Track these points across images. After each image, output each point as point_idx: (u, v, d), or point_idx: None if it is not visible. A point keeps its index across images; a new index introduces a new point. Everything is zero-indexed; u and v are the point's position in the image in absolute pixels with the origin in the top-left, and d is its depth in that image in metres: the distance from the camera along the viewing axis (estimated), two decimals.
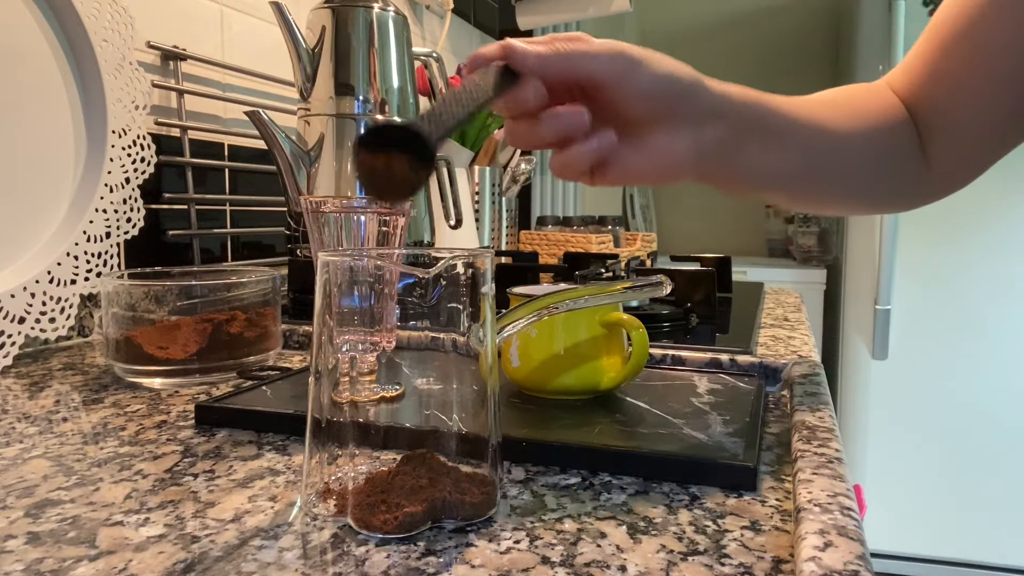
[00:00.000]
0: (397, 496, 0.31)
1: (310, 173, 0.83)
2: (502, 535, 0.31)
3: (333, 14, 0.84)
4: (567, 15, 1.93)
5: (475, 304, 0.34)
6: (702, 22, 2.94)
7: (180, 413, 0.50)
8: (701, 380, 0.56)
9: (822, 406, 0.46)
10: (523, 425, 0.45)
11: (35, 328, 0.66)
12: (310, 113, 0.86)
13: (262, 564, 0.29)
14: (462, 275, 0.33)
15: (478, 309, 0.34)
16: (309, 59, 0.84)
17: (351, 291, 0.33)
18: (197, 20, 0.95)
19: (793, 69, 2.83)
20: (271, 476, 0.38)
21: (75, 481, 0.38)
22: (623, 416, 0.47)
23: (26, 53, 0.69)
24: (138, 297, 0.58)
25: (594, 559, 0.29)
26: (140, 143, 0.79)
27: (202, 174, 0.95)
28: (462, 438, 0.34)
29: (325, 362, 0.33)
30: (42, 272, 0.68)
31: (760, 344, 0.69)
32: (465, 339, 0.34)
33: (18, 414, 0.50)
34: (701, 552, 0.30)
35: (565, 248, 1.32)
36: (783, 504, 0.35)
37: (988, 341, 1.94)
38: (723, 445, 0.41)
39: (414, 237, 0.90)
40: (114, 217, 0.76)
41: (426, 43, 1.64)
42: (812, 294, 2.19)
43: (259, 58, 1.05)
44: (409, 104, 0.88)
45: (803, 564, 0.26)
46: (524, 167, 1.36)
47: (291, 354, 0.70)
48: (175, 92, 0.90)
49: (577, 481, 0.38)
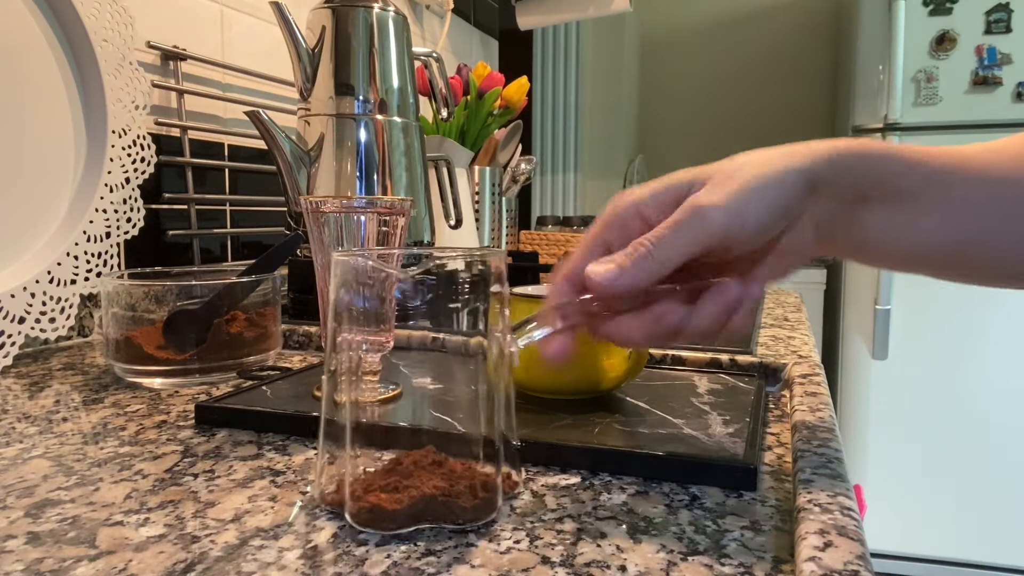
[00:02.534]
0: (394, 491, 0.31)
1: (310, 173, 0.83)
2: (502, 535, 0.31)
3: (333, 14, 0.84)
4: (567, 15, 1.93)
5: (486, 303, 0.33)
6: (702, 22, 2.94)
7: (180, 413, 0.50)
8: (701, 380, 0.56)
9: (822, 406, 0.46)
10: (523, 425, 0.45)
11: (35, 328, 0.66)
12: (310, 113, 0.86)
13: (262, 564, 0.29)
14: (471, 274, 0.33)
15: (489, 310, 0.34)
16: (309, 59, 0.84)
17: (365, 292, 0.33)
18: (197, 20, 0.95)
19: (793, 69, 2.82)
20: (271, 476, 0.38)
21: (75, 481, 0.38)
22: (623, 416, 0.47)
23: (26, 53, 0.69)
24: (138, 297, 0.58)
25: (594, 559, 0.29)
26: (140, 143, 0.79)
27: (202, 174, 0.95)
28: (468, 439, 0.34)
29: (338, 363, 0.33)
30: (42, 272, 0.68)
31: (760, 344, 0.69)
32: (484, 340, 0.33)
33: (18, 414, 0.50)
34: (701, 552, 0.30)
35: (565, 248, 1.32)
36: (783, 504, 0.35)
37: (988, 341, 1.94)
38: (723, 445, 0.41)
39: (414, 237, 0.90)
40: (114, 217, 0.76)
41: (426, 43, 1.64)
42: (812, 294, 2.19)
43: (259, 58, 1.05)
44: (409, 104, 0.88)
45: (803, 564, 0.26)
46: (524, 167, 1.36)
47: (291, 354, 0.70)
48: (175, 92, 0.90)
49: (577, 481, 0.38)
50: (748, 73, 2.87)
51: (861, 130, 2.04)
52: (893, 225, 0.37)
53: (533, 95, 2.35)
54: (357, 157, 0.84)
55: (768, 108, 2.85)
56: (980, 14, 1.91)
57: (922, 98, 1.97)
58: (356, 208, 0.48)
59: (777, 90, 2.84)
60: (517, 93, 1.33)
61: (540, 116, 2.41)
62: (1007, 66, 1.91)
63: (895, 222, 0.37)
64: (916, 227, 0.37)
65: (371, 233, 0.48)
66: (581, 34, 2.45)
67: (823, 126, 2.77)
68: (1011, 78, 1.91)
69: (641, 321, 0.35)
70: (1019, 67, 1.90)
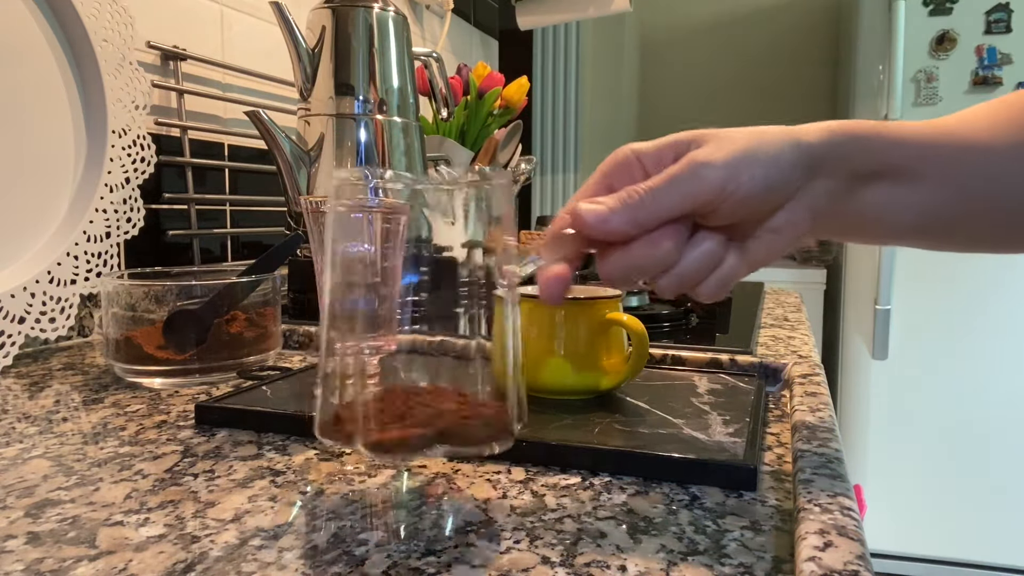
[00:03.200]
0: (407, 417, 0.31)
1: (310, 173, 0.83)
2: (502, 535, 0.31)
3: (333, 14, 0.84)
4: (567, 15, 1.93)
5: (491, 306, 0.33)
6: (702, 22, 2.94)
7: (180, 413, 0.50)
8: (701, 380, 0.56)
9: (822, 406, 0.46)
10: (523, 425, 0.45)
11: (35, 328, 0.66)
12: (310, 113, 0.86)
13: (262, 564, 0.29)
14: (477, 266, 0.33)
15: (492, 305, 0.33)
16: (309, 59, 0.84)
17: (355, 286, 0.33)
18: (197, 20, 0.95)
19: (793, 69, 2.82)
20: (271, 476, 0.38)
21: (75, 481, 0.38)
22: (623, 416, 0.47)
23: (26, 53, 0.69)
24: (138, 297, 0.58)
25: (594, 559, 0.29)
26: (140, 143, 0.79)
27: (202, 174, 0.95)
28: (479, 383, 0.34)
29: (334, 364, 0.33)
30: (42, 272, 0.68)
31: (760, 344, 0.69)
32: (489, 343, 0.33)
33: (18, 414, 0.50)
34: (701, 552, 0.30)
35: None
36: (783, 504, 0.35)
37: (988, 341, 1.94)
38: (723, 445, 0.41)
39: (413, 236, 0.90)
40: (114, 217, 0.76)
41: (426, 43, 1.63)
42: (812, 294, 2.19)
43: (259, 58, 1.05)
44: (409, 104, 0.88)
45: (803, 564, 0.26)
46: (524, 167, 1.36)
47: (291, 354, 0.70)
48: (175, 92, 0.90)
49: (577, 481, 0.38)
50: (748, 73, 2.87)
51: None
52: (894, 200, 0.37)
53: (533, 95, 2.35)
54: (357, 157, 0.84)
55: (768, 108, 2.85)
56: (980, 14, 1.91)
57: (922, 98, 1.97)
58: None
59: (777, 90, 2.84)
60: (517, 93, 1.33)
61: (540, 116, 2.41)
62: (1007, 66, 1.91)
63: (896, 197, 0.37)
64: (918, 200, 0.37)
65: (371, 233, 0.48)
66: (581, 34, 2.44)
67: None
68: (1011, 78, 1.91)
69: (635, 247, 0.35)
70: (1019, 67, 1.90)
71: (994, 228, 0.39)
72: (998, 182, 0.37)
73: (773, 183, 0.35)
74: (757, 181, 0.34)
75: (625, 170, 0.37)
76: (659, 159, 0.37)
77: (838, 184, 0.37)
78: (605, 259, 0.36)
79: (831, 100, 2.74)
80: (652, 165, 0.37)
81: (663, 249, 0.34)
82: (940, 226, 0.39)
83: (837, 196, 0.37)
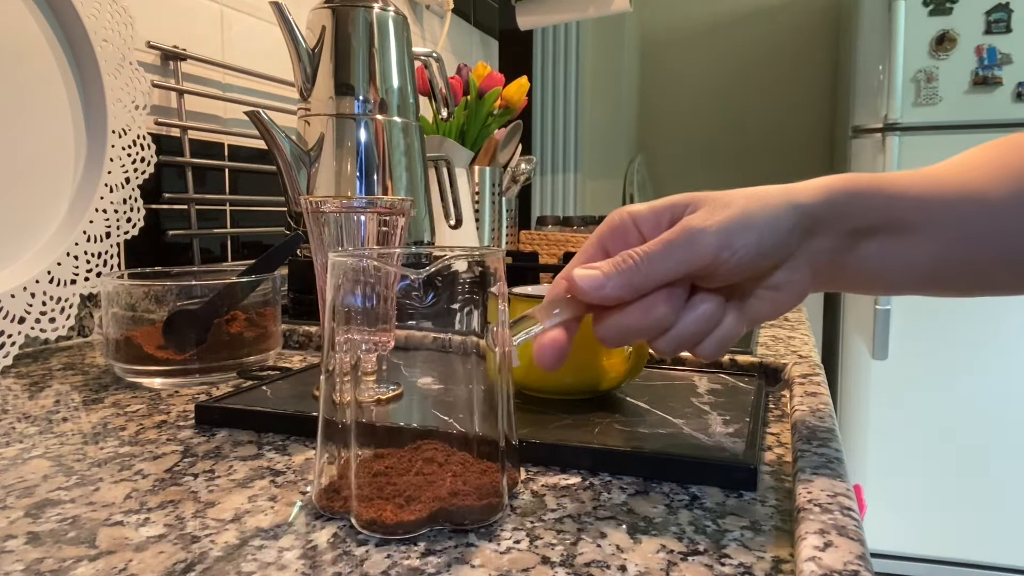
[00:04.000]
0: (400, 496, 0.31)
1: (310, 173, 0.83)
2: (502, 535, 0.31)
3: (333, 14, 0.84)
4: (567, 15, 1.93)
5: (484, 304, 0.33)
6: (702, 22, 2.94)
7: (180, 413, 0.50)
8: (701, 380, 0.56)
9: (822, 406, 0.46)
10: (523, 425, 0.45)
11: (35, 328, 0.66)
12: (310, 113, 0.86)
13: (262, 564, 0.29)
14: (472, 274, 0.33)
15: (487, 309, 0.34)
16: (309, 59, 0.84)
17: (360, 291, 0.33)
18: (197, 20, 0.95)
19: (793, 69, 2.82)
20: (271, 476, 0.38)
21: (75, 481, 0.38)
22: (623, 416, 0.47)
23: (26, 53, 0.69)
24: (138, 297, 0.58)
25: (594, 559, 0.29)
26: (140, 143, 0.79)
27: (202, 174, 0.95)
28: (470, 439, 0.34)
29: (337, 362, 0.33)
30: (42, 272, 0.68)
31: (760, 344, 0.69)
32: (483, 340, 0.33)
33: (18, 414, 0.50)
34: (701, 552, 0.30)
35: (565, 248, 1.32)
36: (783, 504, 0.35)
37: (988, 341, 1.94)
38: (723, 445, 0.41)
39: (414, 237, 0.90)
40: (114, 217, 0.76)
41: (426, 43, 1.64)
42: (812, 294, 2.19)
43: (259, 58, 1.05)
44: (409, 104, 0.88)
45: (803, 564, 0.26)
46: (524, 167, 1.36)
47: (291, 354, 0.70)
48: (175, 92, 0.90)
49: (577, 481, 0.38)
50: (748, 73, 2.87)
51: (861, 130, 2.04)
52: (894, 253, 0.37)
53: (533, 95, 2.35)
54: (357, 157, 0.84)
55: (768, 108, 2.85)
56: (980, 14, 1.91)
57: (922, 98, 1.97)
58: (356, 208, 0.48)
59: (777, 90, 2.84)
60: (517, 93, 1.33)
61: (540, 116, 2.41)
62: (1007, 66, 1.91)
63: (896, 250, 0.37)
64: (919, 252, 0.37)
65: (371, 233, 0.48)
66: (581, 34, 2.45)
67: (823, 126, 2.77)
68: (1011, 78, 1.91)
69: (631, 310, 0.35)
70: (1019, 67, 1.90)
71: (997, 276, 0.39)
72: (997, 233, 0.37)
73: (768, 249, 0.35)
74: (751, 247, 0.34)
75: (621, 234, 0.38)
76: (656, 222, 0.37)
77: (837, 241, 0.37)
78: (601, 322, 0.36)
79: (831, 100, 2.75)
80: (649, 228, 0.37)
81: (658, 313, 0.35)
82: (942, 276, 0.39)
83: (837, 253, 0.37)
